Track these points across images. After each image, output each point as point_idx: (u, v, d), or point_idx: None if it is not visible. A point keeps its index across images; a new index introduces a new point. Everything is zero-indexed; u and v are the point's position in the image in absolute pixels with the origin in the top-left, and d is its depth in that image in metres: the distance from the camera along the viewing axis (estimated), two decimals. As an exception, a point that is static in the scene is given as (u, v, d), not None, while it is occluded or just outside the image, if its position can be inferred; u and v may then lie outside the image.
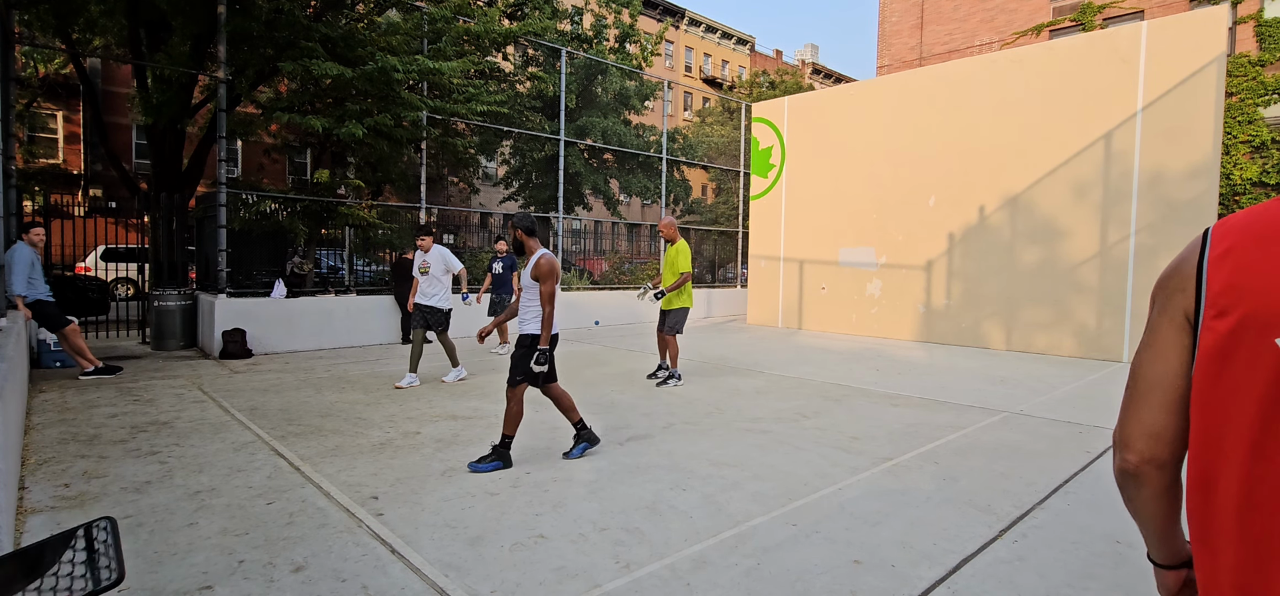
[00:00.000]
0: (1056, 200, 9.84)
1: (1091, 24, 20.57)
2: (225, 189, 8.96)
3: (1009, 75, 10.34)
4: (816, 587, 2.74)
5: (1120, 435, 0.98)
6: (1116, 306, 9.27)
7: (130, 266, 16.39)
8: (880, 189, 11.87)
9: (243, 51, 9.72)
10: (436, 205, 14.59)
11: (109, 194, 22.90)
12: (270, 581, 2.73)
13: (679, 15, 42.87)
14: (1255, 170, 18.21)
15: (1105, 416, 5.82)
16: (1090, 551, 3.11)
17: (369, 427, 5.15)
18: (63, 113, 23.01)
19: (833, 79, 53.10)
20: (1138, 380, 0.96)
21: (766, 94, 29.92)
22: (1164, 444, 0.93)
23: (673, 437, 4.98)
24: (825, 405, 6.16)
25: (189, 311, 9.53)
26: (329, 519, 3.38)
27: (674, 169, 20.28)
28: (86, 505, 3.50)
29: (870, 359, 9.17)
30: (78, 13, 10.15)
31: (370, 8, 11.71)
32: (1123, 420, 0.98)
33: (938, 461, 4.46)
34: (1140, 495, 0.97)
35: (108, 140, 13.50)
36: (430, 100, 10.71)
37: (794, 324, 13.28)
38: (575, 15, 19.53)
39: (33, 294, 6.73)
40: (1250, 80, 18.35)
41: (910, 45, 24.73)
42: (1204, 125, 8.59)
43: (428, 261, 6.95)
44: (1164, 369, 0.92)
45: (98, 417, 5.34)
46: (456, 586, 2.71)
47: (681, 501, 3.66)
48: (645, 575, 2.82)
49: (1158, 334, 0.94)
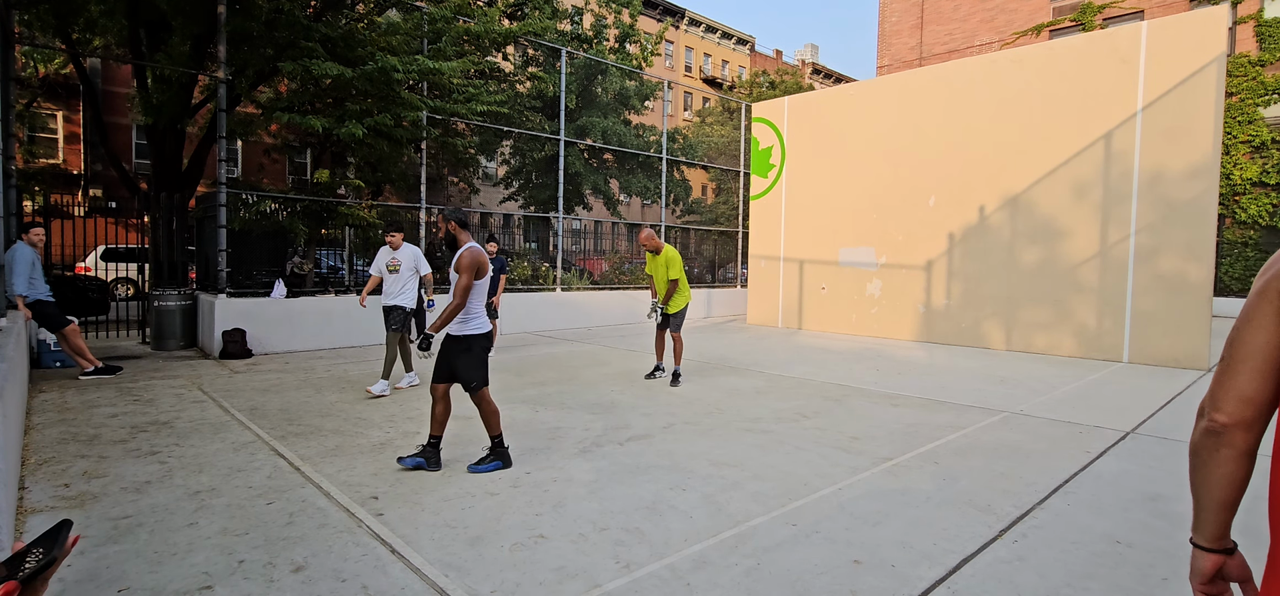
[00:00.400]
0: (1056, 200, 9.84)
1: (1091, 24, 20.57)
2: (225, 189, 8.95)
3: (1009, 75, 10.35)
4: (816, 587, 2.74)
5: (1211, 400, 1.07)
6: (1116, 306, 9.27)
7: (130, 266, 16.40)
8: (880, 189, 11.87)
9: (243, 51, 9.71)
10: (436, 205, 14.59)
11: (109, 194, 22.91)
12: (270, 581, 2.73)
13: (679, 15, 42.87)
14: (1255, 170, 18.21)
15: (1105, 416, 5.83)
16: (1090, 551, 3.11)
17: (369, 427, 5.15)
18: (63, 113, 23.01)
19: (833, 79, 53.10)
20: (1234, 350, 1.05)
21: (766, 94, 29.92)
22: (1253, 407, 1.03)
23: (673, 437, 4.98)
24: (825, 405, 6.16)
25: (189, 311, 9.53)
26: (329, 519, 3.38)
27: (674, 169, 20.29)
28: (86, 505, 3.50)
29: (870, 359, 9.17)
30: (78, 13, 10.14)
31: (370, 8, 11.70)
32: (1215, 387, 1.07)
33: (938, 461, 4.47)
34: (1217, 457, 1.06)
35: (108, 140, 13.48)
36: (430, 100, 10.71)
37: (794, 324, 13.29)
38: (575, 15, 19.53)
39: (33, 294, 6.73)
40: (1250, 80, 18.35)
41: (910, 45, 24.72)
42: (1204, 125, 8.59)
43: (398, 259, 6.65)
44: (1263, 341, 1.02)
45: (98, 417, 5.34)
46: (456, 586, 2.71)
47: (681, 501, 3.66)
48: (645, 575, 2.82)
49: (1256, 311, 1.03)
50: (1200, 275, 8.61)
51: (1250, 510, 1.68)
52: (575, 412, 5.74)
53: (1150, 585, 2.80)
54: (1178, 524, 3.42)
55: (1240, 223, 18.53)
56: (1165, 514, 3.58)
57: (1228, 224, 18.64)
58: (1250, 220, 18.35)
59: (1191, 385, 7.44)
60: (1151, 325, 8.96)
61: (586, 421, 5.42)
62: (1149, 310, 8.99)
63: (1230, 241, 18.60)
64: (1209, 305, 8.59)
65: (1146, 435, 5.25)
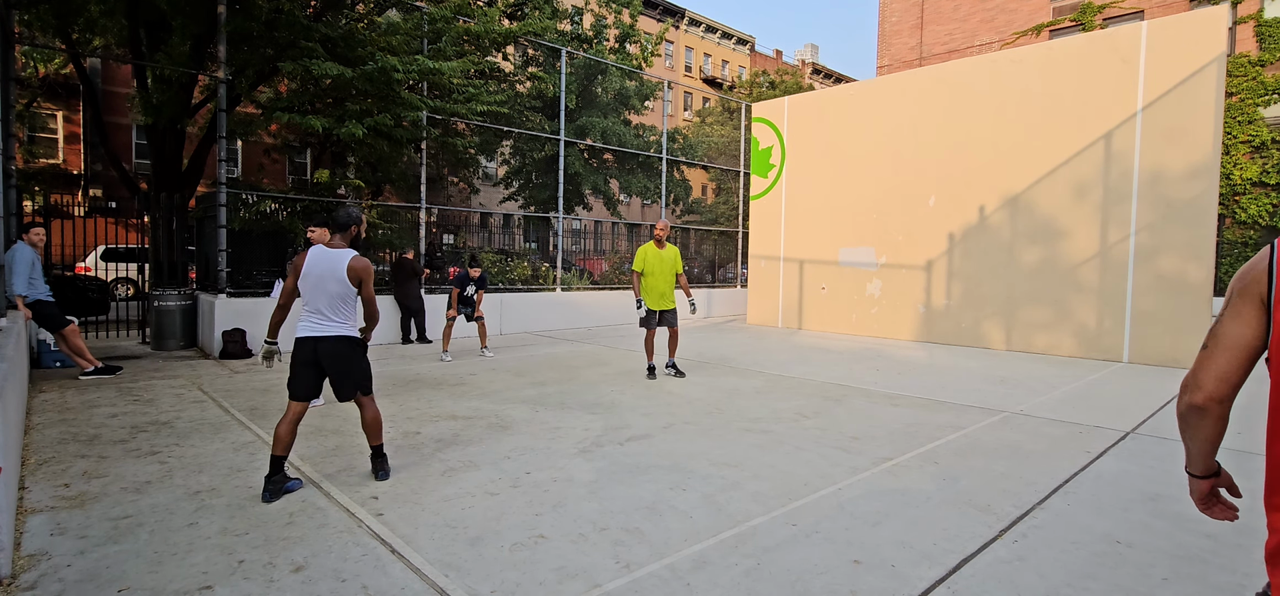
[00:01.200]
0: (1056, 200, 9.84)
1: (1091, 24, 20.57)
2: (225, 189, 8.95)
3: (1009, 75, 10.34)
4: (816, 587, 2.74)
5: (1193, 379, 1.31)
6: (1116, 306, 9.27)
7: (130, 266, 16.40)
8: (880, 189, 11.87)
9: (243, 51, 9.72)
10: (436, 205, 14.59)
11: (109, 194, 22.91)
12: (270, 581, 2.73)
13: (679, 15, 42.87)
14: (1255, 170, 18.20)
15: (1105, 416, 5.83)
16: (1090, 551, 3.11)
17: (369, 427, 5.15)
18: (63, 113, 23.02)
19: (833, 79, 53.10)
20: (1218, 338, 1.28)
21: (766, 94, 29.92)
22: (1229, 386, 1.27)
23: (673, 437, 4.98)
24: (825, 405, 6.16)
25: (189, 311, 9.53)
26: (329, 519, 3.38)
27: (674, 169, 20.28)
28: (86, 505, 3.50)
29: (870, 359, 9.17)
30: (78, 13, 10.15)
31: (370, 8, 11.71)
32: (1197, 368, 1.31)
33: (938, 461, 4.46)
34: (1201, 423, 1.32)
35: (108, 140, 13.49)
36: (430, 100, 10.71)
37: (794, 324, 13.28)
38: (575, 15, 19.53)
39: (33, 294, 6.72)
40: (1250, 80, 18.34)
41: (910, 45, 24.72)
42: (1204, 125, 8.58)
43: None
44: (1241, 330, 1.25)
45: (98, 417, 5.34)
46: (456, 586, 2.71)
47: (681, 501, 3.66)
48: (645, 575, 2.82)
49: (1237, 307, 1.26)
50: (1200, 275, 8.61)
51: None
52: (575, 412, 5.74)
53: (1150, 585, 2.80)
54: (1178, 524, 3.42)
55: (1240, 223, 18.52)
56: (1165, 514, 3.58)
57: (1228, 224, 18.63)
58: (1250, 220, 18.35)
59: (1191, 385, 7.43)
60: (1151, 325, 8.96)
61: (586, 421, 5.42)
62: (1149, 310, 8.99)
63: (1230, 241, 18.60)
64: (1209, 305, 8.59)
65: (1147, 435, 5.25)
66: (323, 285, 3.82)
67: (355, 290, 3.88)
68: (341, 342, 3.86)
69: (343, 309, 3.86)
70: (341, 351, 3.86)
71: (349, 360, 3.88)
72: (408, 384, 7.03)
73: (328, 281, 3.81)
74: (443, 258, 13.99)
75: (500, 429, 5.17)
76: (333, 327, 3.85)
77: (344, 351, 3.87)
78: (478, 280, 9.11)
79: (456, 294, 9.01)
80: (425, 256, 11.21)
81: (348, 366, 3.88)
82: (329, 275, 3.81)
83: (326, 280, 3.81)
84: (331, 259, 3.83)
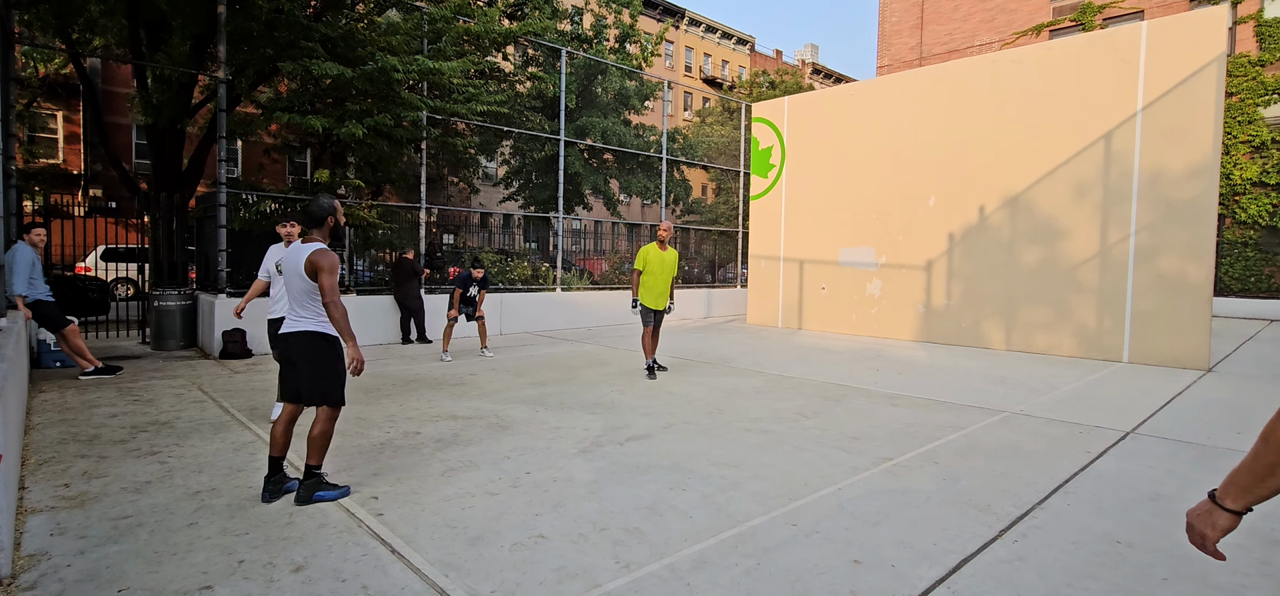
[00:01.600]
0: (1056, 200, 9.84)
1: (1091, 24, 20.57)
2: (225, 189, 8.96)
3: (1009, 75, 10.34)
4: (816, 587, 2.74)
5: None
6: (1116, 306, 9.27)
7: (130, 266, 16.40)
8: (880, 189, 11.87)
9: (243, 51, 9.72)
10: (436, 205, 14.60)
11: (109, 194, 22.91)
12: (270, 581, 2.73)
13: (679, 15, 42.86)
14: (1255, 170, 18.20)
15: (1105, 416, 5.83)
16: (1090, 551, 3.11)
17: (369, 427, 5.15)
18: (63, 113, 23.01)
19: (833, 79, 53.10)
20: None
21: (766, 94, 29.92)
22: None
23: (673, 437, 4.98)
24: (825, 405, 6.16)
25: (189, 311, 9.53)
26: (329, 519, 3.38)
27: (674, 169, 20.28)
28: (86, 505, 3.50)
29: (870, 359, 9.17)
30: (78, 13, 10.15)
31: (370, 8, 11.71)
32: None
33: (938, 461, 4.47)
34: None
35: (108, 140, 13.49)
36: (430, 100, 10.71)
37: (794, 324, 13.28)
38: (575, 15, 19.53)
39: (33, 294, 6.73)
40: (1250, 80, 18.34)
41: (910, 45, 24.73)
42: (1204, 125, 8.58)
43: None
44: None
45: (98, 417, 5.34)
46: (456, 586, 2.71)
47: (681, 501, 3.66)
48: (645, 575, 2.82)
49: None
50: (1200, 275, 8.61)
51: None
52: (575, 412, 5.74)
53: (1150, 585, 2.80)
54: (1178, 524, 3.42)
55: (1240, 223, 18.52)
56: (1165, 514, 3.58)
57: (1228, 224, 18.63)
58: (1250, 220, 18.35)
59: (1191, 385, 7.44)
60: (1151, 325, 8.96)
61: (586, 421, 5.42)
62: (1149, 310, 8.99)
63: (1230, 241, 18.60)
64: (1209, 305, 8.59)
65: (1147, 435, 5.25)
66: (290, 282, 3.74)
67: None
68: (307, 338, 3.69)
69: (310, 304, 3.72)
70: (307, 350, 3.69)
71: (314, 358, 3.69)
72: (408, 384, 7.03)
73: (292, 278, 3.72)
74: (443, 257, 13.99)
75: (500, 429, 5.18)
76: (302, 323, 3.73)
77: (310, 349, 3.70)
78: (480, 280, 9.14)
79: (459, 294, 9.02)
80: (425, 256, 11.21)
81: (314, 365, 3.68)
82: (292, 271, 3.72)
83: (291, 276, 3.73)
84: (296, 254, 3.72)
